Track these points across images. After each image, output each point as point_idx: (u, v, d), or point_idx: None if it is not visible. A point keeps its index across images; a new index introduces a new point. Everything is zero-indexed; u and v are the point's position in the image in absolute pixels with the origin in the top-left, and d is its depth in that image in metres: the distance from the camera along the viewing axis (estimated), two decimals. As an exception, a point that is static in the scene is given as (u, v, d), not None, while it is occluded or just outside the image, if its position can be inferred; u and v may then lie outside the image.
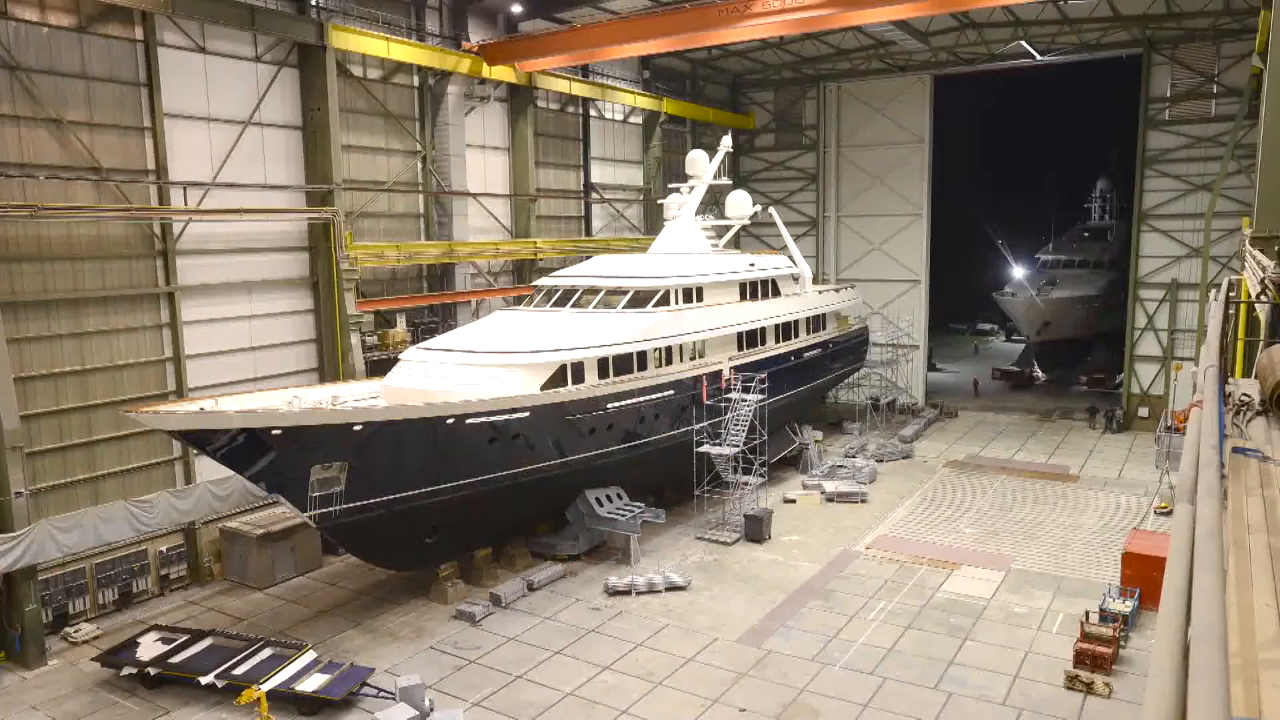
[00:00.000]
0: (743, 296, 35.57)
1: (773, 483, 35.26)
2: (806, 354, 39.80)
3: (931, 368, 58.02)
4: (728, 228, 41.60)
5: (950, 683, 21.04)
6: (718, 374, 32.86)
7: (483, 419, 24.67)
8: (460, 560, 27.27)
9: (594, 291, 31.23)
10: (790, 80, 53.34)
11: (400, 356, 28.09)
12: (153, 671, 21.43)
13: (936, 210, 52.19)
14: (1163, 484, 33.80)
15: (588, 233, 45.44)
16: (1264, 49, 24.04)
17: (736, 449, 31.23)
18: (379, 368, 30.44)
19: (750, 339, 35.57)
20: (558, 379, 26.83)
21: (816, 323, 41.31)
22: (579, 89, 42.47)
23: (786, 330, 38.33)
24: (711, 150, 39.94)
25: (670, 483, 33.69)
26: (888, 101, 51.08)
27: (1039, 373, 60.29)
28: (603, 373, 28.26)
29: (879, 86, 51.23)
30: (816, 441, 40.48)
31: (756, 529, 30.63)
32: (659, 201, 43.79)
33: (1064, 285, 55.28)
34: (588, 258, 37.92)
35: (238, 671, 21.05)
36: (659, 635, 23.87)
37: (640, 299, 30.69)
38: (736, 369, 33.67)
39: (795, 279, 39.91)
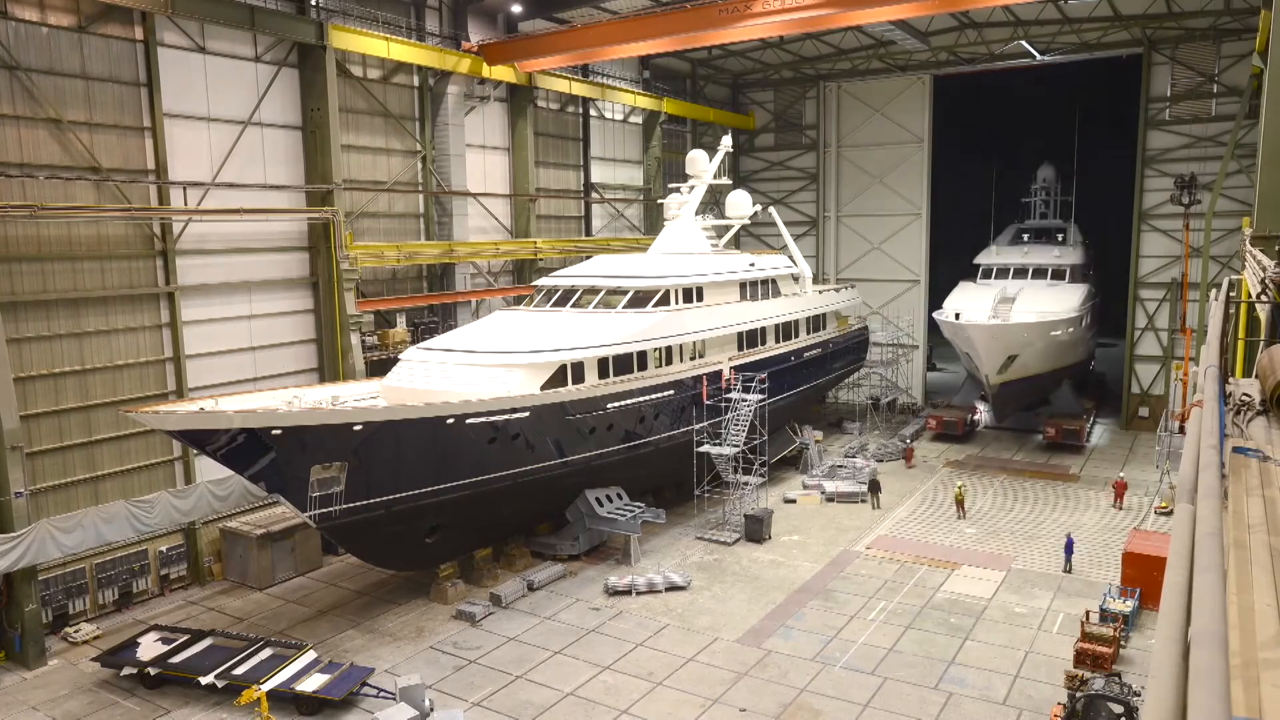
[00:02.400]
0: (743, 296, 35.57)
1: (773, 483, 35.26)
2: (806, 354, 39.81)
3: (931, 367, 57.92)
4: (728, 228, 41.63)
5: (950, 683, 21.04)
6: (718, 374, 32.86)
7: (483, 419, 24.67)
8: (460, 560, 27.26)
9: (594, 291, 31.23)
10: (790, 80, 53.34)
11: (400, 356, 28.09)
12: (153, 671, 21.42)
13: (936, 209, 52.20)
14: (1163, 484, 33.80)
15: (588, 233, 45.44)
16: (1264, 49, 24.05)
17: (736, 449, 31.22)
18: (379, 368, 30.45)
19: (750, 339, 35.58)
20: (558, 379, 26.82)
21: (816, 323, 41.32)
22: (579, 89, 42.47)
23: (787, 330, 38.35)
24: (711, 150, 39.96)
25: (670, 483, 33.69)
26: (887, 101, 51.08)
27: (983, 414, 46.95)
28: (603, 373, 28.26)
29: (879, 86, 51.23)
30: (816, 441, 40.49)
31: (756, 529, 30.63)
32: (659, 201, 43.85)
33: (1028, 302, 40.95)
34: (588, 258, 37.93)
35: (238, 671, 21.05)
36: (659, 635, 23.86)
37: (640, 299, 30.69)
38: (736, 369, 33.67)
39: (795, 279, 39.93)
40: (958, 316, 39.91)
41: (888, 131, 51.28)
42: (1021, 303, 40.98)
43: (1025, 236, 50.48)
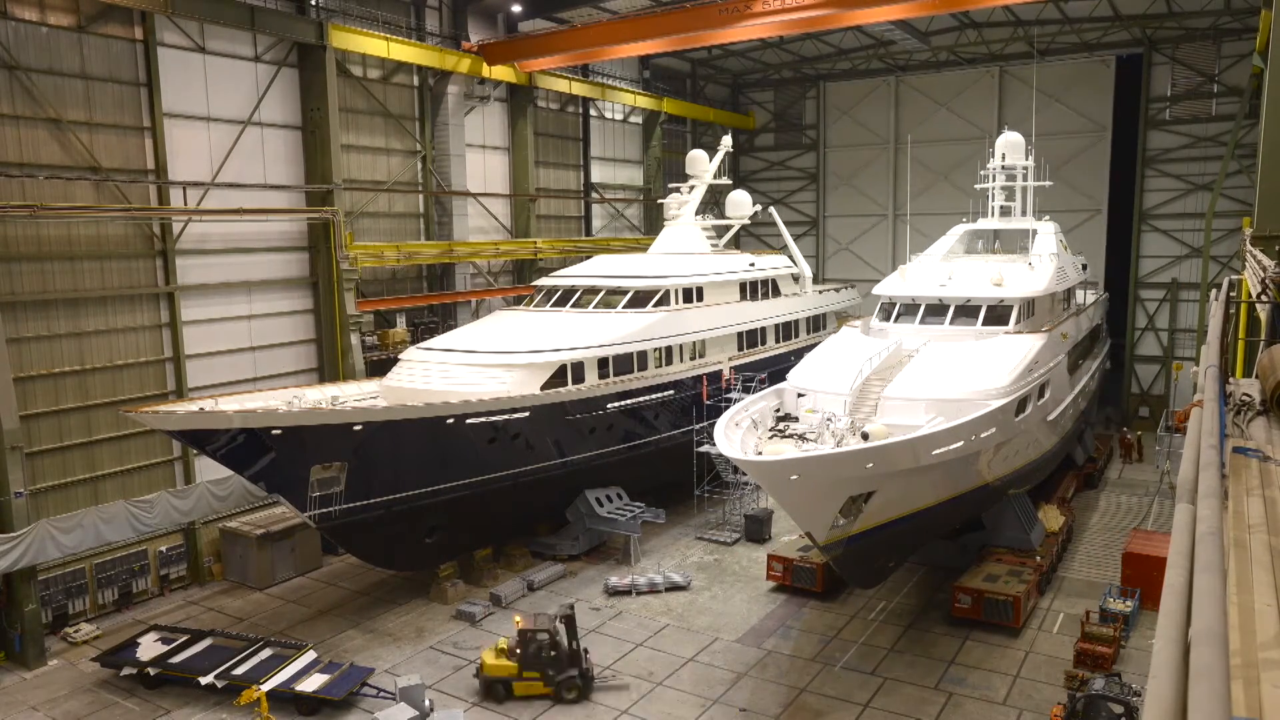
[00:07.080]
0: (743, 296, 35.56)
1: (773, 483, 35.19)
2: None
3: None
4: (728, 228, 41.61)
5: (950, 683, 21.03)
6: (718, 374, 32.85)
7: (483, 419, 24.67)
8: (460, 560, 27.26)
9: (594, 291, 31.22)
10: (790, 80, 53.34)
11: (400, 356, 28.08)
12: (153, 671, 21.41)
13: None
14: (1163, 483, 33.79)
15: (588, 233, 45.43)
16: (1264, 48, 24.06)
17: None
18: (379, 368, 30.44)
19: (750, 339, 35.57)
20: (558, 379, 26.82)
21: (817, 323, 41.29)
22: (579, 89, 42.47)
23: (787, 330, 38.33)
24: (711, 150, 39.95)
25: (670, 483, 33.69)
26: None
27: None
28: (603, 373, 28.26)
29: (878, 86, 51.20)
30: (817, 441, 40.40)
31: (756, 529, 30.61)
32: (659, 201, 43.83)
33: (918, 378, 23.50)
34: (588, 258, 37.92)
35: (238, 671, 21.03)
36: (659, 635, 23.86)
37: (640, 299, 30.69)
38: (736, 369, 33.66)
39: (795, 279, 39.91)
40: (780, 429, 22.44)
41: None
42: (908, 380, 23.41)
43: (977, 241, 35.85)
